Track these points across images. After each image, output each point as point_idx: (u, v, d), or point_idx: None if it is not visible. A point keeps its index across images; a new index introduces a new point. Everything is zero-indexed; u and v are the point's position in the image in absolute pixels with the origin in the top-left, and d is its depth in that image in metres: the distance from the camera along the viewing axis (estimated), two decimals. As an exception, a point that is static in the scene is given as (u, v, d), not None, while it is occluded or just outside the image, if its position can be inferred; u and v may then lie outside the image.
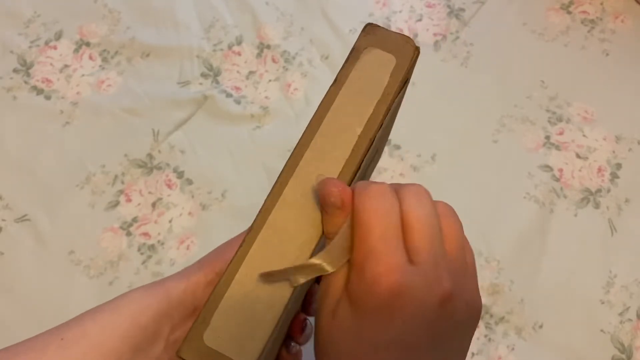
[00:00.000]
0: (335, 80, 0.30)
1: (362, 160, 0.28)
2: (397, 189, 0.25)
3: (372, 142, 0.28)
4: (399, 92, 0.29)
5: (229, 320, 0.25)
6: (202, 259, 0.33)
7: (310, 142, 0.28)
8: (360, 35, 0.30)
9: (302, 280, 0.25)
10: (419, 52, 0.30)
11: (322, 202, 0.26)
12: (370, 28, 0.31)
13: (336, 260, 0.24)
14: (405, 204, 0.24)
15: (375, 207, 0.24)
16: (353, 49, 0.30)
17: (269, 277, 0.26)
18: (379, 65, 0.29)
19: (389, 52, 0.30)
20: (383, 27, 0.30)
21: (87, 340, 0.28)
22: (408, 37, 0.30)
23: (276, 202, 0.27)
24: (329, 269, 0.24)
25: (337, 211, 0.25)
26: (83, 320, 0.29)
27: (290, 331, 0.36)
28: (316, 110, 0.29)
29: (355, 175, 0.28)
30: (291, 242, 0.26)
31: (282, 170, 0.28)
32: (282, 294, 0.25)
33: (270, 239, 0.26)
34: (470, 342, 0.26)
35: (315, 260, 0.24)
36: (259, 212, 0.27)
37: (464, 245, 0.26)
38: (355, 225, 0.24)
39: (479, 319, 0.26)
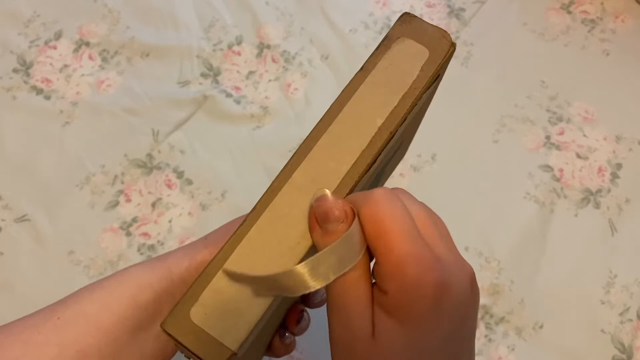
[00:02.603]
0: (362, 68, 0.28)
1: (379, 154, 0.27)
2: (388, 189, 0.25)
3: (392, 137, 0.27)
4: (428, 88, 0.28)
5: (218, 298, 0.24)
6: (208, 236, 0.32)
7: (328, 128, 0.27)
8: (395, 23, 0.29)
9: (270, 292, 0.23)
10: (454, 49, 0.28)
11: (322, 218, 0.24)
12: (406, 17, 0.29)
13: (322, 276, 0.23)
14: (405, 204, 0.24)
15: (391, 211, 0.23)
16: (385, 37, 0.29)
17: (234, 276, 0.24)
18: (410, 57, 0.28)
19: (422, 45, 0.28)
20: (420, 18, 0.29)
21: (85, 319, 0.27)
22: (445, 31, 0.28)
23: (284, 184, 0.26)
24: (312, 283, 0.23)
25: (340, 226, 0.24)
26: (80, 299, 0.28)
27: (285, 321, 0.35)
28: (338, 96, 0.28)
29: (370, 168, 0.27)
30: (293, 228, 0.25)
31: (295, 153, 0.27)
32: None
33: (272, 222, 0.25)
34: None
35: (300, 269, 0.22)
36: (265, 192, 0.26)
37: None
38: (374, 237, 0.23)
39: None
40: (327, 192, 0.25)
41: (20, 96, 0.69)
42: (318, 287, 0.23)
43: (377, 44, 0.29)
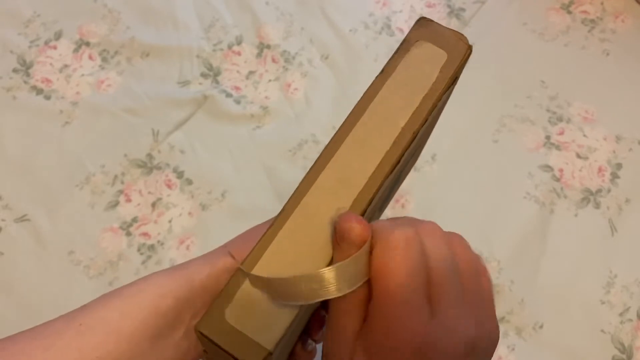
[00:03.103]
0: (382, 71, 0.29)
1: (403, 154, 0.27)
2: (415, 230, 0.24)
3: (415, 137, 0.27)
4: (447, 89, 0.29)
5: (252, 299, 0.24)
6: (228, 244, 0.32)
7: (351, 130, 0.27)
8: (412, 27, 0.30)
9: (298, 298, 0.23)
10: (471, 51, 0.29)
11: (340, 236, 0.24)
12: (423, 21, 0.30)
13: (345, 284, 0.23)
14: (427, 249, 0.23)
15: (403, 262, 0.22)
16: (404, 41, 0.29)
17: (255, 282, 0.24)
18: (429, 60, 0.29)
19: (440, 48, 0.29)
20: (436, 22, 0.30)
21: (106, 326, 0.27)
22: (461, 34, 0.29)
23: (310, 187, 0.26)
24: (334, 291, 0.23)
25: (354, 249, 0.23)
26: (102, 306, 0.28)
27: (307, 327, 0.36)
28: (359, 99, 0.28)
29: (395, 168, 0.27)
30: (322, 228, 0.25)
31: (319, 155, 0.27)
32: None
33: (301, 223, 0.26)
34: None
35: (324, 272, 0.23)
36: (291, 196, 0.26)
37: (479, 273, 0.25)
38: (376, 278, 0.22)
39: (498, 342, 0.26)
40: (351, 212, 0.25)
41: (20, 96, 0.69)
42: (330, 297, 0.23)
43: (396, 47, 0.30)
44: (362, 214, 0.26)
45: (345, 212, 0.25)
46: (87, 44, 0.73)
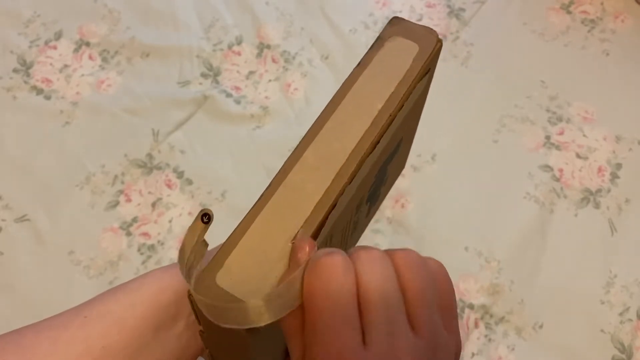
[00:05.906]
0: (359, 64, 0.32)
1: (382, 135, 0.29)
2: (349, 255, 0.23)
3: (392, 120, 0.30)
4: (421, 78, 0.31)
5: (243, 263, 0.25)
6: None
7: (331, 115, 0.30)
8: (385, 26, 0.33)
9: (231, 323, 0.23)
10: (441, 44, 0.32)
11: (292, 253, 0.25)
12: (395, 20, 0.33)
13: (275, 311, 0.23)
14: (358, 275, 0.22)
15: (326, 288, 0.22)
16: (378, 37, 0.32)
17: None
18: (402, 52, 0.31)
19: (412, 41, 0.32)
20: (408, 20, 0.33)
21: (110, 317, 0.28)
22: (432, 29, 0.32)
23: (295, 164, 0.28)
24: (267, 319, 0.22)
25: (297, 269, 0.24)
26: (105, 299, 0.29)
27: None
28: (339, 89, 0.31)
29: (375, 146, 0.29)
30: (307, 201, 0.27)
31: (302, 139, 0.29)
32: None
33: (287, 196, 0.27)
34: None
35: (251, 303, 0.22)
36: (278, 172, 0.28)
37: (432, 296, 0.23)
38: (306, 306, 0.22)
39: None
40: (306, 235, 0.25)
41: (21, 96, 0.69)
42: (262, 324, 0.23)
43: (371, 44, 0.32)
44: (343, 190, 0.27)
45: (303, 235, 0.25)
46: (87, 44, 0.73)
